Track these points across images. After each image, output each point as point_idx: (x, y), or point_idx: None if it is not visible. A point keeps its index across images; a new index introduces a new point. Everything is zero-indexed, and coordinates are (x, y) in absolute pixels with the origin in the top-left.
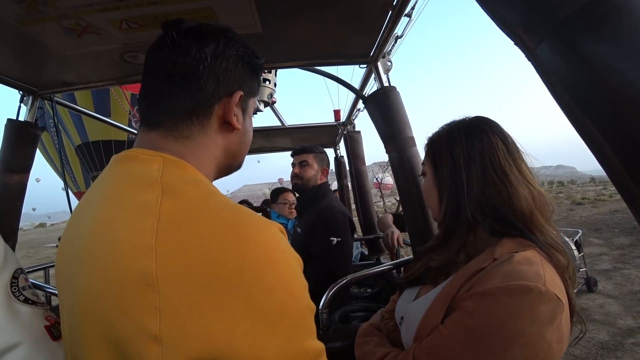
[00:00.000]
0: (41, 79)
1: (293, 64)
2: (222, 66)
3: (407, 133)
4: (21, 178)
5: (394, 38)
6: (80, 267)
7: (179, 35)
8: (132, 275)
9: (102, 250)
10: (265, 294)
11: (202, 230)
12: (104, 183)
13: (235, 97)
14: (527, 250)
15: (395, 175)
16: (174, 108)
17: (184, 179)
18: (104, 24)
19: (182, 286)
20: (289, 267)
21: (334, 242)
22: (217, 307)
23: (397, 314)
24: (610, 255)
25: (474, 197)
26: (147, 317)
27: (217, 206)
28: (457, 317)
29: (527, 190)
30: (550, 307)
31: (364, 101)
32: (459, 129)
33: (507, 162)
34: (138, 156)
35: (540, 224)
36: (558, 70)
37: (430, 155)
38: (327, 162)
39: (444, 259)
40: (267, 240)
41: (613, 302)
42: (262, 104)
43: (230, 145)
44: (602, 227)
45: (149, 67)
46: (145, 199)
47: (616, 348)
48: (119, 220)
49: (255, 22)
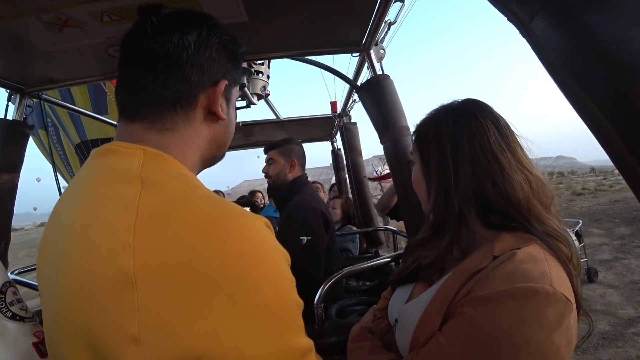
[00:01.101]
0: (28, 76)
1: (283, 54)
2: (205, 54)
3: (401, 122)
4: (11, 177)
5: (387, 24)
6: (57, 267)
7: (159, 22)
8: (110, 275)
9: (79, 249)
10: (249, 291)
11: (183, 226)
12: (82, 178)
13: (221, 86)
14: (529, 245)
15: (391, 165)
16: (157, 99)
17: (165, 173)
18: (84, 17)
19: (161, 284)
20: (275, 263)
21: (304, 241)
22: (198, 306)
23: (390, 314)
24: (611, 245)
25: (462, 186)
26: (126, 318)
27: (199, 200)
28: (457, 325)
29: (522, 177)
30: (558, 309)
31: (357, 90)
32: (446, 112)
33: (500, 146)
34: (118, 149)
35: (538, 213)
36: (554, 45)
37: (417, 142)
38: (296, 154)
39: (435, 255)
40: (252, 235)
41: (614, 292)
42: (256, 97)
43: (215, 136)
44: (602, 217)
45: (127, 55)
46: (124, 194)
47: (617, 338)
48: (96, 217)
49: (241, 10)
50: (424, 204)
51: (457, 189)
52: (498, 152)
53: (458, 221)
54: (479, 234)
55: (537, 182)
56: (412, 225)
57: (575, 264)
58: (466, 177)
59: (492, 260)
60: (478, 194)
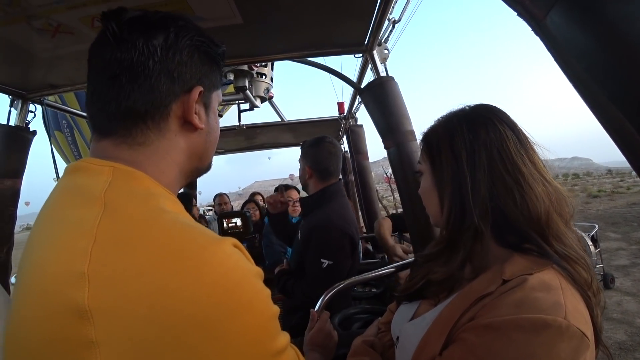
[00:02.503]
0: (28, 82)
1: (283, 56)
2: (175, 59)
3: (406, 126)
4: (13, 183)
5: (391, 23)
6: (16, 296)
7: (121, 28)
8: (62, 307)
9: (33, 278)
10: (226, 320)
11: (146, 254)
12: (50, 198)
13: (194, 93)
14: (544, 270)
15: (395, 172)
16: (125, 112)
17: (131, 194)
18: (74, 22)
19: (122, 319)
20: (250, 285)
21: (324, 264)
22: (169, 343)
23: (393, 330)
24: (629, 250)
25: (479, 198)
26: (84, 354)
27: (164, 225)
28: (457, 352)
29: (542, 188)
30: (572, 346)
31: (360, 93)
32: (458, 118)
33: (519, 154)
34: (87, 166)
35: (558, 230)
36: (572, 41)
37: (426, 150)
38: (311, 158)
39: (447, 271)
40: (225, 261)
41: (631, 299)
42: (259, 100)
43: (195, 147)
44: (619, 221)
45: (92, 67)
46: (83, 217)
47: (634, 349)
48: (51, 242)
49: (234, 12)
50: (435, 216)
51: (475, 202)
52: (518, 160)
53: (474, 236)
54: (492, 252)
55: (557, 195)
56: (416, 236)
57: (595, 290)
58: (484, 188)
59: (501, 284)
60: (495, 207)
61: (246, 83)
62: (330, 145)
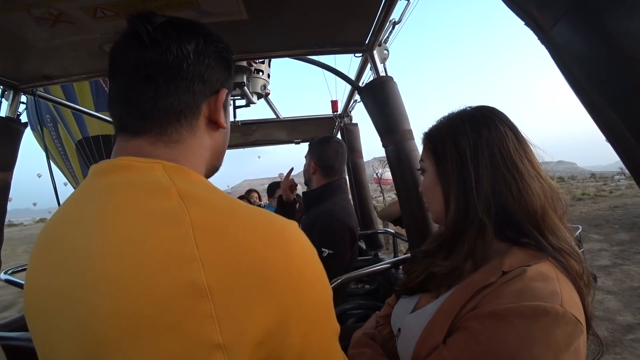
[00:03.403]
0: (21, 73)
1: (284, 53)
2: (204, 63)
3: (404, 125)
4: (4, 176)
5: (391, 24)
6: (91, 292)
7: (155, 31)
8: (178, 288)
9: (128, 267)
10: (309, 288)
11: (244, 236)
12: (94, 198)
13: (222, 94)
14: (541, 262)
15: (392, 170)
16: (161, 111)
17: (196, 185)
18: (76, 12)
19: (236, 292)
20: (317, 261)
21: (324, 254)
22: (272, 306)
23: (393, 323)
24: (610, 251)
25: (483, 193)
26: (205, 328)
27: (244, 210)
28: (462, 340)
29: (538, 185)
30: (567, 331)
31: (359, 92)
32: (461, 118)
33: (518, 153)
34: (132, 164)
35: (553, 224)
36: (578, 53)
37: (430, 148)
38: (318, 155)
39: (451, 264)
40: (301, 238)
41: (612, 298)
42: (256, 96)
43: (217, 145)
44: (602, 223)
45: (121, 66)
46: (166, 207)
47: (615, 344)
48: (141, 232)
49: (240, 8)
50: (437, 212)
51: (479, 197)
52: (517, 158)
53: (477, 231)
54: (493, 246)
55: (551, 191)
56: (413, 231)
57: (586, 281)
58: (486, 184)
59: (501, 275)
60: (497, 203)
61: (244, 79)
62: (337, 144)
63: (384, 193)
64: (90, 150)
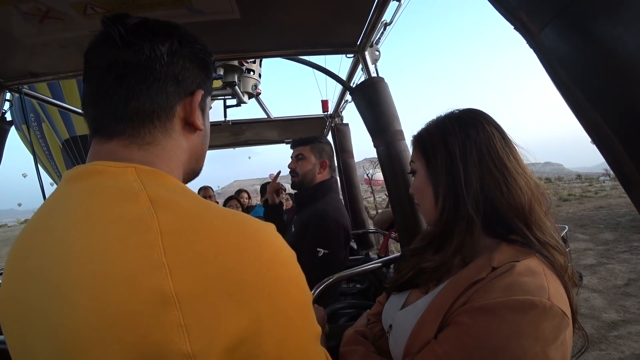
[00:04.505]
0: (6, 69)
1: (276, 53)
2: (179, 64)
3: (395, 126)
4: None
5: (383, 25)
6: (60, 303)
7: (127, 32)
8: (145, 297)
9: (96, 276)
10: (283, 293)
11: (214, 240)
12: (65, 204)
13: (197, 96)
14: (528, 258)
15: (384, 170)
16: (132, 112)
17: (168, 189)
18: (66, 8)
19: (206, 300)
20: (294, 264)
21: (320, 254)
22: (244, 313)
23: (384, 320)
24: (595, 250)
25: (472, 190)
26: (173, 337)
27: (216, 214)
28: (453, 334)
29: (524, 181)
30: (554, 323)
31: (351, 92)
32: (450, 120)
33: (505, 152)
34: (105, 169)
35: (539, 219)
36: (565, 57)
37: (420, 149)
38: (328, 154)
39: (440, 259)
40: (275, 241)
41: (597, 296)
42: (246, 96)
43: (194, 148)
44: (587, 223)
45: (94, 67)
46: (134, 213)
47: (600, 341)
48: (110, 239)
49: (232, 6)
50: (429, 211)
51: (468, 193)
52: (504, 156)
53: (466, 227)
54: (481, 242)
55: (536, 187)
56: (404, 231)
57: (570, 274)
58: (475, 181)
59: (490, 271)
60: (485, 199)
61: (235, 79)
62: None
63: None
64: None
